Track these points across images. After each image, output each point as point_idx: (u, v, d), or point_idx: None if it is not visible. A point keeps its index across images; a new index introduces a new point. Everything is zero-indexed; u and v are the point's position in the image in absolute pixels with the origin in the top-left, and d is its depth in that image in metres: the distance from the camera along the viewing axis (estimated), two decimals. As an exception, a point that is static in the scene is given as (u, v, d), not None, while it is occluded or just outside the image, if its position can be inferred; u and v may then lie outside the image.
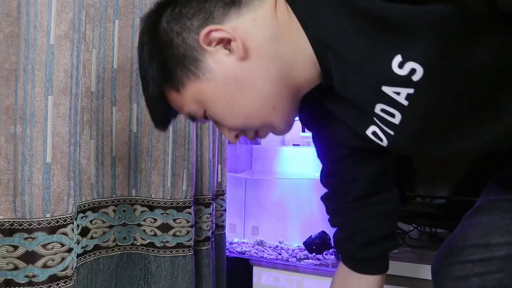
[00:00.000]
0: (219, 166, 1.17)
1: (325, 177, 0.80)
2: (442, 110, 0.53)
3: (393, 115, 0.55)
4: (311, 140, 1.26)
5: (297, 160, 1.30)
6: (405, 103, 0.52)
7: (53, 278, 0.69)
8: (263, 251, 1.21)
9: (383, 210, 0.76)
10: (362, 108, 0.58)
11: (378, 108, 0.55)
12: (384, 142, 0.61)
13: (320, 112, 0.68)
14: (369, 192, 0.75)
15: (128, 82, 0.94)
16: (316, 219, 1.28)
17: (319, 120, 0.70)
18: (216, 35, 0.55)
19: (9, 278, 0.66)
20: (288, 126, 0.64)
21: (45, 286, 0.68)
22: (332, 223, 0.81)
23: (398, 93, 0.51)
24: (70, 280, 0.72)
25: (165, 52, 0.58)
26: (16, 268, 0.67)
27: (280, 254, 1.18)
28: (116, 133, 0.94)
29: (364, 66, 0.52)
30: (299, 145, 1.39)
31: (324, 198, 0.81)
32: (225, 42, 0.56)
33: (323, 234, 1.16)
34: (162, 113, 0.64)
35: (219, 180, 1.17)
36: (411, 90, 0.50)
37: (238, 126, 0.62)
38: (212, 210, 1.08)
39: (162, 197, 0.94)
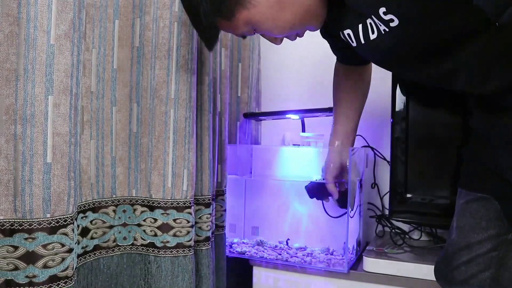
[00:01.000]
0: (219, 166, 1.16)
1: (334, 48, 1.01)
2: (405, 47, 0.70)
3: (372, 31, 0.71)
4: (311, 140, 1.26)
5: (297, 160, 1.30)
6: (382, 32, 0.69)
7: (54, 279, 0.69)
8: (263, 251, 1.21)
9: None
10: (355, 14, 0.73)
11: (368, 21, 0.71)
12: (353, 44, 0.78)
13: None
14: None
15: (128, 82, 0.94)
16: (316, 219, 1.28)
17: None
18: None
19: (9, 278, 0.66)
20: (321, 24, 0.79)
21: (45, 287, 0.68)
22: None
23: (379, 25, 0.67)
24: (71, 280, 0.72)
25: None
26: (16, 268, 0.66)
27: (280, 254, 1.18)
28: (116, 133, 0.93)
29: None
30: (299, 145, 1.38)
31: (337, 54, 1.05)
32: None
33: (325, 181, 1.14)
34: (216, 38, 0.80)
35: (219, 180, 1.17)
36: (387, 29, 0.67)
37: (284, 35, 0.77)
38: (212, 210, 1.07)
39: (162, 197, 0.94)
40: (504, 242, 0.79)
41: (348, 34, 0.77)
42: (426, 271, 0.99)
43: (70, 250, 0.72)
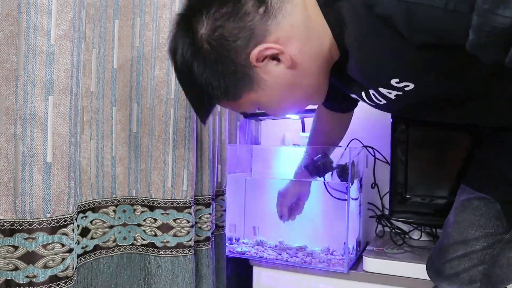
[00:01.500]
0: (219, 166, 1.16)
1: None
2: (420, 102, 0.68)
3: (379, 100, 0.70)
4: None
5: (297, 160, 1.30)
6: (393, 97, 0.66)
7: (54, 279, 0.69)
8: (263, 251, 1.21)
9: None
10: (360, 85, 0.71)
11: (372, 92, 0.69)
12: (365, 101, 0.76)
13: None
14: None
15: (128, 82, 0.94)
16: (316, 219, 1.28)
17: None
18: (266, 53, 0.62)
19: (9, 278, 0.66)
20: (324, 98, 0.76)
21: (45, 287, 0.68)
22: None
23: (390, 93, 0.65)
24: (71, 280, 0.72)
25: (217, 73, 0.64)
26: (16, 268, 0.66)
27: (280, 254, 1.18)
28: (116, 133, 0.93)
29: (369, 74, 0.65)
30: (299, 145, 1.39)
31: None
32: (272, 56, 0.63)
33: (324, 156, 1.14)
34: (211, 113, 0.77)
35: (219, 180, 1.17)
36: (400, 93, 0.64)
37: (287, 112, 0.76)
38: (212, 210, 1.07)
39: (163, 197, 0.94)
40: (500, 241, 0.81)
41: (359, 95, 0.75)
42: (425, 271, 0.99)
43: (70, 250, 0.72)
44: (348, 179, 1.10)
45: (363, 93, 0.72)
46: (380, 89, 0.66)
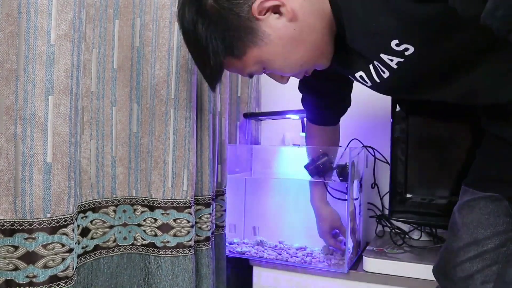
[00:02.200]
0: (219, 166, 1.16)
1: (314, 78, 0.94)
2: (421, 72, 0.69)
3: (383, 72, 0.70)
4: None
5: (297, 160, 1.30)
6: (395, 66, 0.67)
7: (54, 279, 0.69)
8: (263, 251, 1.21)
9: (343, 107, 1.08)
10: (362, 57, 0.72)
11: (375, 63, 0.70)
12: (368, 84, 0.77)
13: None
14: (338, 99, 1.04)
15: (128, 82, 0.94)
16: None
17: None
18: (266, 4, 0.64)
19: (9, 278, 0.66)
20: (330, 61, 0.76)
21: (45, 287, 0.68)
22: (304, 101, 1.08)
23: (391, 60, 0.66)
24: (71, 280, 0.72)
25: (221, 28, 0.66)
26: (16, 268, 0.66)
27: (280, 254, 1.18)
28: (116, 133, 0.93)
29: (371, 37, 0.65)
30: (299, 145, 1.38)
31: (302, 88, 1.04)
32: (274, 8, 0.65)
33: (325, 157, 1.14)
34: (219, 78, 0.76)
35: (219, 180, 1.17)
36: (401, 59, 0.65)
37: (294, 73, 0.75)
38: (212, 210, 1.07)
39: (163, 197, 0.94)
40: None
41: (361, 76, 0.76)
42: (426, 271, 0.99)
43: (70, 250, 0.72)
44: (348, 179, 1.10)
45: (367, 69, 0.73)
46: (381, 55, 0.66)
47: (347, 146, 1.21)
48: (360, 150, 1.24)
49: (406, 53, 0.63)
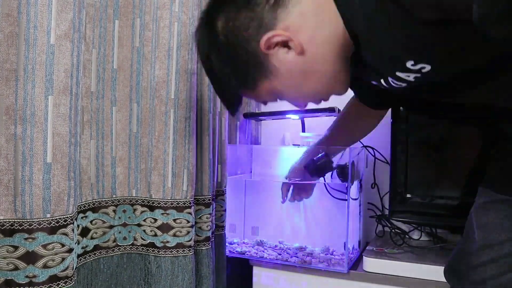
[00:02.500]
0: (219, 166, 1.17)
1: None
2: (441, 81, 0.68)
3: (400, 85, 0.69)
4: (311, 140, 1.26)
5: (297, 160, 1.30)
6: (413, 80, 0.65)
7: (54, 278, 0.69)
8: (263, 251, 1.21)
9: None
10: (378, 72, 0.71)
11: (390, 79, 0.69)
12: (386, 87, 0.75)
13: None
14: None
15: (128, 82, 0.94)
16: (316, 219, 1.28)
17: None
18: (274, 40, 0.64)
19: (9, 278, 0.66)
20: (347, 87, 0.76)
21: (45, 286, 0.68)
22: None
23: (408, 76, 0.65)
24: (71, 280, 0.72)
25: (233, 63, 0.68)
26: (16, 268, 0.66)
27: (280, 254, 1.18)
28: (116, 133, 0.93)
29: (384, 61, 0.65)
30: (299, 145, 1.38)
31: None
32: (282, 42, 0.65)
33: (325, 156, 1.13)
34: (239, 105, 0.79)
35: (219, 180, 1.17)
36: (419, 75, 0.63)
37: (308, 102, 0.76)
38: (212, 210, 1.08)
39: (162, 197, 0.94)
40: None
41: (382, 81, 0.75)
42: (426, 271, 0.99)
43: (70, 250, 0.72)
44: (348, 179, 1.10)
45: (382, 81, 0.72)
46: (397, 73, 0.65)
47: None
48: (360, 150, 1.24)
49: (423, 71, 0.62)
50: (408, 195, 1.12)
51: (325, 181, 1.17)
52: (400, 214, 1.14)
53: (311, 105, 0.79)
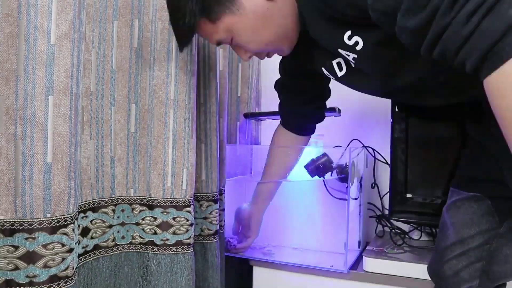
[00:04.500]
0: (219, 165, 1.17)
1: (286, 75, 1.05)
2: (375, 71, 0.75)
3: (342, 68, 0.80)
4: (311, 140, 1.26)
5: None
6: (353, 61, 0.73)
7: (54, 278, 0.69)
8: (263, 251, 1.21)
9: (317, 108, 1.10)
10: (328, 53, 0.79)
11: (336, 60, 0.81)
12: (333, 78, 0.85)
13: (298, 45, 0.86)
14: (311, 98, 1.06)
15: (127, 83, 0.94)
16: (316, 219, 1.28)
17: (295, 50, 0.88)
18: None
19: (9, 278, 0.66)
20: (291, 50, 0.83)
21: (45, 286, 0.68)
22: (282, 104, 1.11)
23: (348, 55, 0.72)
24: (71, 280, 0.72)
25: None
26: (16, 268, 0.67)
27: (280, 255, 1.18)
28: (115, 133, 0.94)
29: (328, 36, 0.73)
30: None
31: (278, 87, 1.08)
32: None
33: (325, 156, 1.15)
34: (190, 39, 0.83)
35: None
36: (355, 55, 0.71)
37: (257, 50, 0.81)
38: (219, 206, 1.12)
39: (162, 196, 0.94)
40: (496, 236, 0.82)
41: (327, 68, 0.83)
42: (426, 271, 0.99)
43: (70, 250, 0.72)
44: (348, 179, 1.10)
45: (332, 63, 0.81)
46: (339, 50, 0.72)
47: (347, 146, 1.21)
48: (360, 151, 1.24)
49: (357, 47, 0.69)
50: (408, 195, 1.13)
51: (324, 180, 1.17)
52: (400, 214, 1.15)
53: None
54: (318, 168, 1.12)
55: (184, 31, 0.78)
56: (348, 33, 0.68)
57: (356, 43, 0.68)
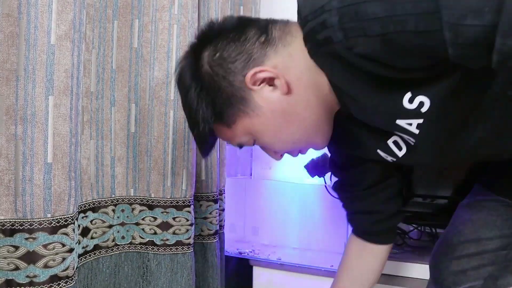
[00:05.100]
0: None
1: (337, 169, 0.90)
2: (444, 133, 0.62)
3: (405, 142, 0.66)
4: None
5: (298, 161, 1.30)
6: (416, 131, 0.61)
7: (54, 278, 0.69)
8: (263, 252, 1.21)
9: (389, 194, 0.86)
10: (379, 132, 0.67)
11: (392, 139, 0.67)
12: (390, 159, 0.71)
13: (338, 130, 0.73)
14: (377, 180, 0.84)
15: (127, 83, 0.94)
16: (316, 219, 1.28)
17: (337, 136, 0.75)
18: (260, 75, 0.61)
19: (10, 278, 0.66)
20: (327, 142, 0.71)
21: (46, 286, 0.68)
22: (346, 207, 0.91)
23: (410, 124, 0.60)
24: (71, 280, 0.72)
25: (213, 94, 0.64)
26: (17, 268, 0.67)
27: (280, 255, 1.18)
28: (115, 133, 0.94)
29: (379, 107, 0.60)
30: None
31: (336, 189, 0.92)
32: (269, 80, 0.62)
33: (325, 157, 1.14)
34: (211, 145, 0.73)
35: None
36: (420, 120, 0.59)
37: (286, 150, 0.70)
38: (219, 206, 1.11)
39: (162, 196, 0.94)
40: None
41: (382, 149, 0.71)
42: (426, 271, 0.99)
43: (70, 250, 0.72)
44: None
45: (385, 145, 0.69)
46: (398, 121, 0.60)
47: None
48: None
49: (423, 110, 0.57)
50: (409, 195, 1.13)
51: (325, 180, 1.17)
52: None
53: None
54: (318, 168, 1.12)
55: (201, 137, 0.69)
56: (408, 94, 0.56)
57: (421, 103, 0.57)
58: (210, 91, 0.64)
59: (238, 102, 0.63)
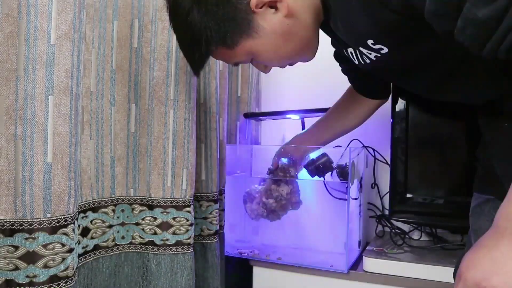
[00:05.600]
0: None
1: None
2: (395, 67, 0.74)
3: (364, 60, 0.76)
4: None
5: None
6: (374, 58, 0.71)
7: (54, 278, 0.69)
8: (263, 252, 1.21)
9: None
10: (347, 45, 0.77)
11: (356, 51, 0.76)
12: (355, 62, 0.80)
13: None
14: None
15: (127, 83, 0.94)
16: (316, 219, 1.28)
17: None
18: None
19: (9, 278, 0.66)
20: (314, 55, 0.80)
21: (45, 286, 0.68)
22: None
23: (369, 53, 0.70)
24: (71, 280, 0.72)
25: (217, 18, 0.68)
26: (16, 268, 0.67)
27: (280, 255, 1.18)
28: (115, 133, 0.94)
29: (351, 33, 0.70)
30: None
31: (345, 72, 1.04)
32: (271, 3, 0.68)
33: (325, 156, 1.14)
34: (204, 64, 0.78)
35: (219, 179, 1.18)
36: (378, 55, 0.69)
37: (279, 65, 0.79)
38: (219, 206, 1.12)
39: (162, 196, 0.94)
40: None
41: (351, 53, 0.79)
42: (426, 271, 0.99)
43: (70, 250, 0.72)
44: (348, 179, 1.10)
45: (349, 50, 0.78)
46: (360, 49, 0.70)
47: (347, 146, 1.21)
48: (360, 151, 1.24)
49: (382, 51, 0.67)
50: (408, 195, 1.12)
51: (324, 180, 1.17)
52: (400, 214, 1.14)
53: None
54: (318, 168, 1.12)
55: (199, 60, 0.75)
56: (370, 41, 0.67)
57: (381, 48, 0.67)
58: (215, 15, 0.67)
59: (243, 25, 0.69)
